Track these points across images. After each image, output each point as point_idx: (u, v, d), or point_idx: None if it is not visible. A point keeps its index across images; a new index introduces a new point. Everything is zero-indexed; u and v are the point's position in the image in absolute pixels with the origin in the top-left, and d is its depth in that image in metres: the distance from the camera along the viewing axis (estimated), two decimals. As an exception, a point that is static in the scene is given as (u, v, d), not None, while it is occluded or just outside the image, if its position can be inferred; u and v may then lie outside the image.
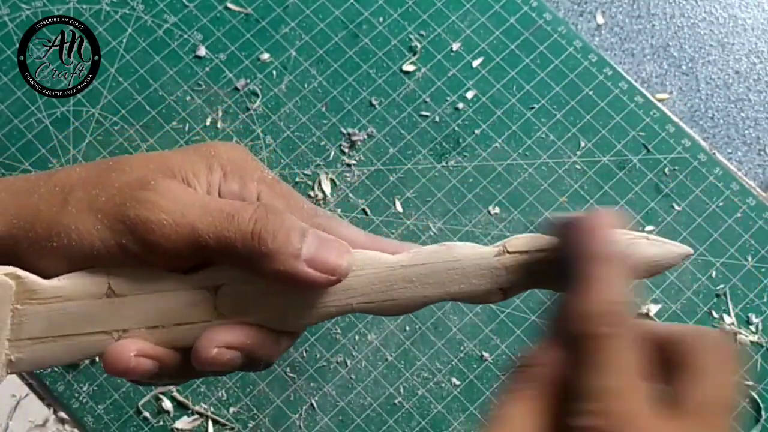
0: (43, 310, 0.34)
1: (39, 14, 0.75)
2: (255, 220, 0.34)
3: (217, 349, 0.35)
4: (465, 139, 0.74)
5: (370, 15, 0.76)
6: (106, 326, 0.35)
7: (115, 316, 0.35)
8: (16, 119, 0.73)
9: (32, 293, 0.34)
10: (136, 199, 0.34)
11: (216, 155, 0.38)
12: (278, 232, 0.34)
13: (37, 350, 0.35)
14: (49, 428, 0.68)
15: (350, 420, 0.67)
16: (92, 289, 0.35)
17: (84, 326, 0.35)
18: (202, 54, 0.75)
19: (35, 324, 0.34)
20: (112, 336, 0.35)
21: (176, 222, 0.34)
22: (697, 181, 0.73)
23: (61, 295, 0.35)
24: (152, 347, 0.35)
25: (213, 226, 0.34)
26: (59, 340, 0.35)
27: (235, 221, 0.34)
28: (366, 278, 0.37)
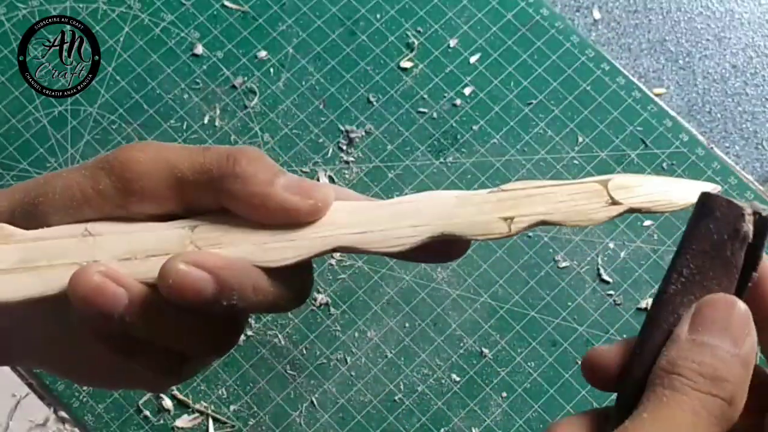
0: (19, 247, 0.35)
1: (36, 13, 0.75)
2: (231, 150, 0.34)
3: (183, 264, 0.32)
4: (463, 136, 0.74)
5: (367, 12, 0.76)
6: (77, 258, 0.34)
7: (88, 250, 0.35)
8: (13, 119, 0.72)
9: (11, 237, 0.35)
10: (116, 149, 0.35)
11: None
12: (256, 160, 0.34)
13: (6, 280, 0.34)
14: (49, 427, 0.68)
15: (351, 417, 0.67)
16: (69, 232, 0.35)
17: (56, 259, 0.35)
18: (200, 52, 0.75)
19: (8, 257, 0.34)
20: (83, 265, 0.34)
21: (152, 158, 0.34)
22: (695, 175, 0.73)
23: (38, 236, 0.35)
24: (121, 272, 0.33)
25: (188, 157, 0.34)
26: (30, 271, 0.34)
27: (210, 150, 0.34)
28: (352, 214, 0.36)
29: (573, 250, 0.71)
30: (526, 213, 0.35)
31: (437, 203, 0.36)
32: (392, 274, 0.70)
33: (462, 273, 0.70)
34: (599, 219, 0.35)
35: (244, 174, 0.33)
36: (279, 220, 0.34)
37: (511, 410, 0.67)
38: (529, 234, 0.71)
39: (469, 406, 0.68)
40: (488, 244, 0.71)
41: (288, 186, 0.34)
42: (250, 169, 0.33)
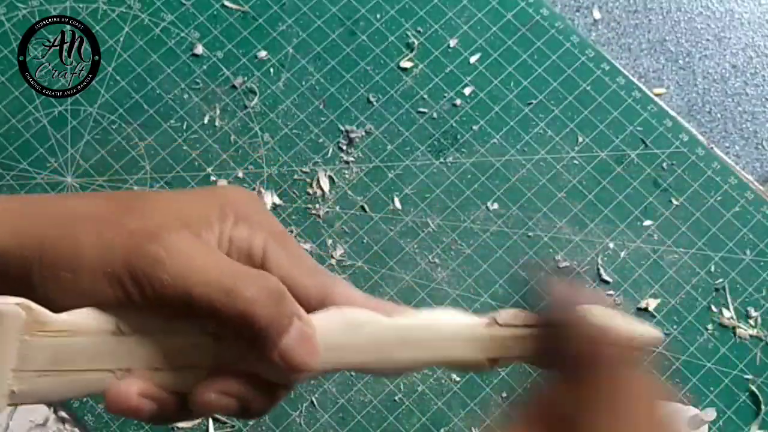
0: (50, 342, 0.35)
1: (36, 13, 0.75)
2: (251, 302, 0.35)
3: (214, 394, 0.36)
4: (463, 135, 0.74)
5: (367, 12, 0.76)
6: (110, 364, 0.35)
7: (120, 355, 0.36)
8: (13, 119, 0.72)
9: (41, 325, 0.34)
10: (143, 252, 0.34)
11: (229, 201, 0.38)
12: (270, 320, 0.35)
13: (39, 383, 0.35)
14: (49, 427, 0.68)
15: (351, 417, 0.67)
16: (100, 326, 0.35)
17: (88, 362, 0.35)
18: (200, 52, 0.75)
19: (41, 356, 0.34)
20: (115, 374, 0.36)
21: (176, 285, 0.34)
22: (695, 175, 0.73)
23: (69, 329, 0.35)
24: (154, 389, 0.36)
25: (210, 296, 0.34)
26: (63, 374, 0.35)
27: (232, 297, 0.35)
28: (362, 337, 0.38)
29: (573, 250, 0.71)
30: (509, 356, 0.39)
31: (435, 335, 0.39)
32: (392, 275, 0.70)
33: (462, 273, 0.70)
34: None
35: (252, 336, 0.36)
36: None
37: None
38: (529, 234, 0.71)
39: (469, 406, 0.68)
40: (487, 244, 0.71)
41: (284, 354, 0.36)
42: (259, 332, 0.35)
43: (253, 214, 0.39)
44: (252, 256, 0.38)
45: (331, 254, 0.70)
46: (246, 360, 0.37)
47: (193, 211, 0.37)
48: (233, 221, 0.38)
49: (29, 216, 0.36)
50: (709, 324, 0.70)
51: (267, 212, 0.40)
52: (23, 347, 0.34)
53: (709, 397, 0.68)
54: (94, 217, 0.36)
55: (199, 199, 0.38)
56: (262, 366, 0.37)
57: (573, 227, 0.72)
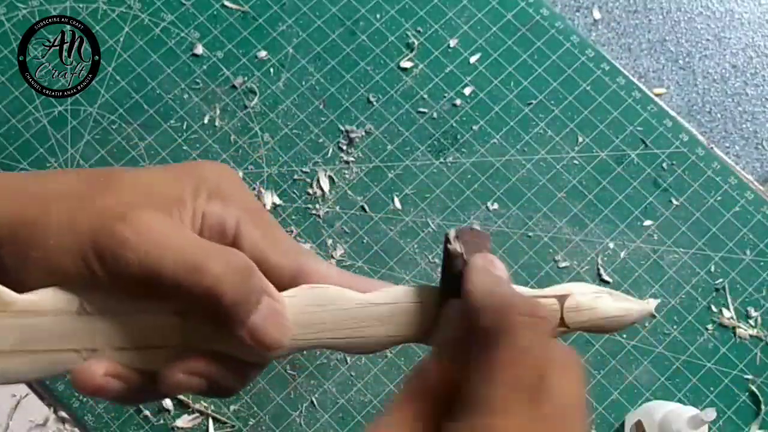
0: (15, 323, 0.34)
1: (36, 13, 0.75)
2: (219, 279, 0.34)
3: (182, 374, 0.36)
4: (463, 135, 0.74)
5: (367, 12, 0.76)
6: (75, 344, 0.35)
7: (85, 334, 0.35)
8: (13, 119, 0.72)
9: (6, 305, 0.34)
10: (110, 230, 0.34)
11: (204, 178, 0.38)
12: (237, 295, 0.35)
13: (6, 362, 0.35)
14: (49, 427, 0.68)
15: (350, 417, 0.67)
16: (64, 306, 0.35)
17: (53, 342, 0.35)
18: (200, 52, 0.75)
19: (6, 336, 0.34)
20: (81, 354, 0.35)
21: (141, 263, 0.34)
22: (695, 175, 0.73)
23: (33, 309, 0.35)
24: (121, 368, 0.36)
25: (177, 274, 0.34)
26: (30, 354, 0.35)
27: (199, 275, 0.34)
28: (336, 314, 0.37)
29: (573, 250, 0.71)
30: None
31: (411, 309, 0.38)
32: (392, 275, 0.70)
33: (462, 273, 0.70)
34: None
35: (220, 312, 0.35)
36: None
37: (511, 410, 0.67)
38: (529, 234, 0.71)
39: (469, 406, 0.67)
40: (488, 244, 0.71)
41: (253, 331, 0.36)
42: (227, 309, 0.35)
43: (227, 189, 0.38)
44: (224, 233, 0.38)
45: (331, 254, 0.70)
46: (215, 339, 0.36)
47: (165, 188, 0.37)
48: (206, 197, 0.38)
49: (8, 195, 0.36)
50: (709, 324, 0.70)
51: (243, 187, 0.40)
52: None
53: (709, 397, 0.68)
54: (67, 195, 0.35)
55: (173, 176, 0.38)
56: (232, 345, 0.36)
57: (573, 227, 0.71)
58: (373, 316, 0.38)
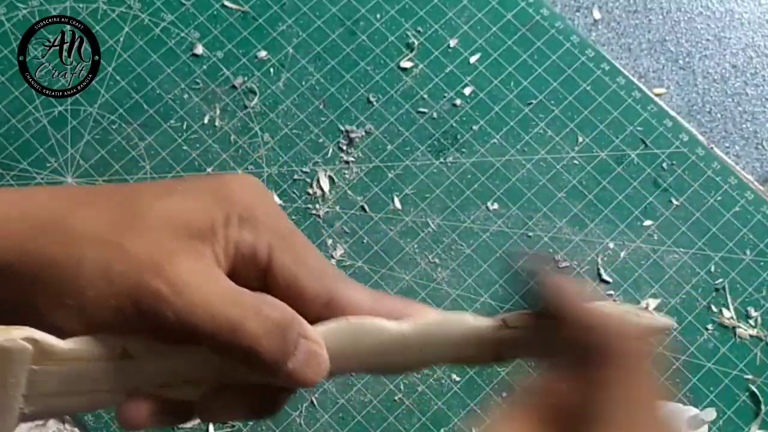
0: (58, 370, 0.35)
1: (36, 13, 0.75)
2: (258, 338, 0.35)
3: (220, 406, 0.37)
4: (463, 136, 0.74)
5: (367, 12, 0.76)
6: (118, 385, 0.36)
7: (127, 376, 0.36)
8: (13, 119, 0.72)
9: (48, 354, 0.34)
10: (147, 287, 0.34)
11: (234, 202, 0.37)
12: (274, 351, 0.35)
13: (49, 403, 0.35)
14: (49, 427, 0.68)
15: (350, 417, 0.67)
16: (107, 351, 0.35)
17: (97, 384, 0.35)
18: (200, 52, 0.75)
19: (50, 382, 0.35)
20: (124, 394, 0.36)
21: (180, 321, 0.34)
22: (695, 175, 0.73)
23: (76, 357, 0.35)
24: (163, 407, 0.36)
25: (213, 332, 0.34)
26: (71, 396, 0.35)
27: (237, 335, 0.35)
28: (368, 345, 0.38)
29: (573, 250, 0.71)
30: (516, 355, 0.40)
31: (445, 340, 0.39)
32: (392, 274, 0.70)
33: (462, 273, 0.70)
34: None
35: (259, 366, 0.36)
36: None
37: (511, 410, 0.67)
38: (529, 234, 0.71)
39: (469, 407, 0.67)
40: (487, 244, 0.71)
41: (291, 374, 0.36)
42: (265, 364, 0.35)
43: (258, 211, 0.38)
44: (257, 261, 0.38)
45: (331, 254, 0.70)
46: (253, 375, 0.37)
47: (196, 222, 0.36)
48: (238, 224, 0.37)
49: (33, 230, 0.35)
50: (709, 324, 0.70)
51: (273, 206, 0.39)
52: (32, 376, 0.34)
53: (709, 397, 0.68)
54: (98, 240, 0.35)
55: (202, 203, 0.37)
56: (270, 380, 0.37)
57: (573, 227, 0.71)
58: (409, 345, 0.38)
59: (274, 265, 0.38)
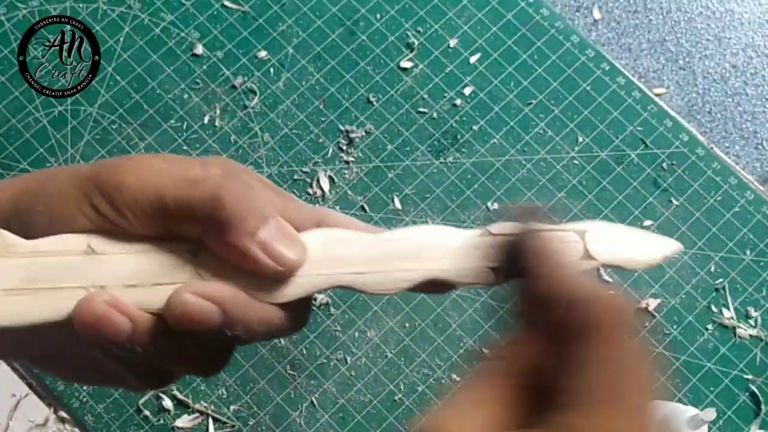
0: (21, 263, 0.34)
1: (36, 13, 0.75)
2: (220, 186, 0.33)
3: (191, 295, 0.33)
4: (463, 135, 0.74)
5: (367, 12, 0.76)
6: (82, 281, 0.35)
7: (93, 272, 0.35)
8: (13, 119, 0.72)
9: (11, 247, 0.34)
10: (110, 164, 0.35)
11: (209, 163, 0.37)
12: (241, 204, 0.34)
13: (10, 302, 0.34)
14: (49, 428, 0.68)
15: (351, 417, 0.67)
16: (71, 246, 0.35)
17: (60, 280, 0.34)
18: (200, 52, 0.75)
19: (13, 275, 0.34)
20: (88, 291, 0.34)
21: (139, 181, 0.34)
22: (695, 175, 0.73)
23: (40, 250, 0.34)
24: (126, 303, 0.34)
25: (175, 188, 0.33)
26: (34, 293, 0.34)
27: (198, 185, 0.34)
28: (351, 249, 0.37)
29: (573, 250, 0.71)
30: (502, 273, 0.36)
31: (429, 244, 0.37)
32: (392, 274, 0.70)
33: (462, 273, 0.70)
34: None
35: (225, 221, 0.33)
36: (251, 271, 0.35)
37: (511, 410, 0.67)
38: (529, 234, 0.71)
39: (469, 406, 0.67)
40: (488, 244, 0.71)
41: (264, 244, 0.34)
42: (232, 217, 0.33)
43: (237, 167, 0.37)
44: None
45: (331, 254, 0.70)
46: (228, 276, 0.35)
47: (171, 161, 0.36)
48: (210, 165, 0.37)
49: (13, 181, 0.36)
50: (709, 324, 0.70)
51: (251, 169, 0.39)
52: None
53: (709, 397, 0.68)
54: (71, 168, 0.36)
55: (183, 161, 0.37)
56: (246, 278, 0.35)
57: (573, 227, 0.71)
58: (391, 253, 0.36)
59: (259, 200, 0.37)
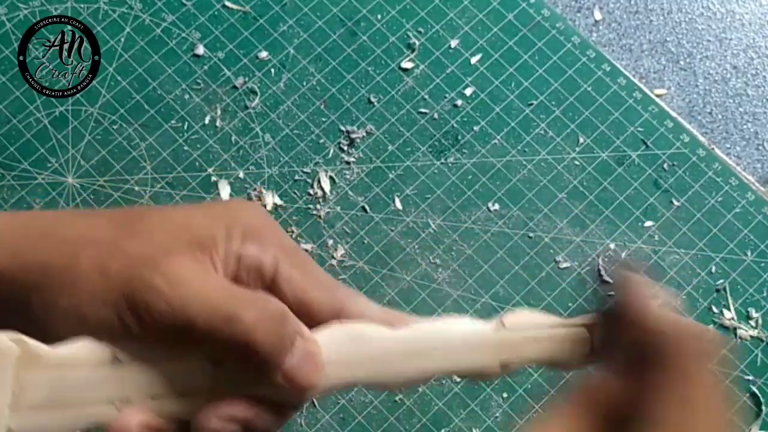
0: (47, 377, 0.34)
1: (37, 14, 0.75)
2: (253, 328, 0.34)
3: (217, 419, 0.35)
4: (464, 136, 0.74)
5: (368, 12, 0.76)
6: (108, 395, 0.35)
7: (118, 384, 0.35)
8: (14, 119, 0.73)
9: (36, 359, 0.34)
10: (142, 279, 0.34)
11: (237, 218, 0.37)
12: (272, 344, 0.35)
13: (37, 418, 0.34)
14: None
15: (351, 417, 0.67)
16: (97, 357, 0.34)
17: (86, 395, 0.34)
18: (201, 52, 0.75)
19: (37, 391, 0.34)
20: (115, 405, 0.35)
21: (174, 314, 0.33)
22: (696, 176, 0.73)
23: (65, 362, 0.34)
24: (154, 419, 0.35)
25: (210, 323, 0.34)
26: (61, 409, 0.34)
27: (232, 324, 0.34)
28: (366, 351, 0.37)
29: (574, 250, 0.71)
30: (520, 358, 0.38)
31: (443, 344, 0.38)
32: (393, 275, 0.70)
33: (463, 274, 0.70)
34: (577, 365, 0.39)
35: (255, 362, 0.35)
36: None
37: (511, 410, 0.67)
38: (530, 234, 0.71)
39: (470, 407, 0.67)
40: (488, 245, 0.71)
41: (288, 373, 0.35)
42: (262, 359, 0.35)
43: (262, 230, 0.38)
44: (262, 275, 0.37)
45: (331, 255, 0.70)
46: (249, 384, 0.36)
47: (195, 230, 0.36)
48: (241, 239, 0.37)
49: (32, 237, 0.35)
50: (710, 325, 0.70)
51: (277, 227, 0.39)
52: (19, 383, 0.33)
53: (710, 398, 0.68)
54: (96, 241, 0.35)
55: (204, 218, 0.37)
56: (266, 388, 0.36)
57: (574, 228, 0.71)
58: (408, 351, 0.37)
59: (281, 278, 0.37)
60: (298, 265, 0.38)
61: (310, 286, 0.37)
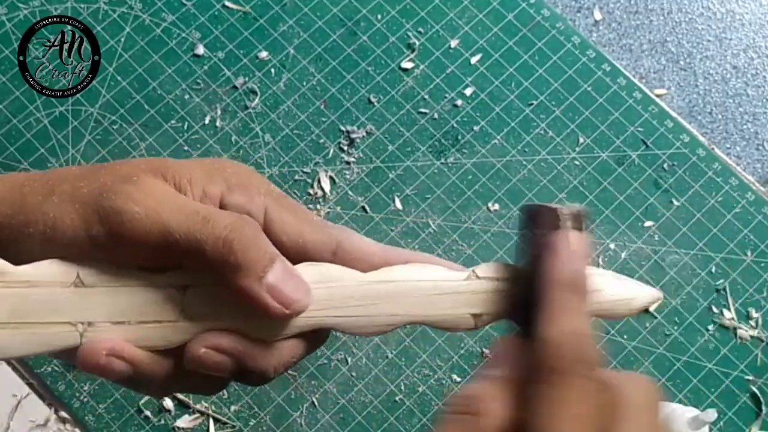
0: (9, 293, 0.34)
1: (37, 14, 0.75)
2: (230, 229, 0.33)
3: (204, 349, 0.34)
4: (464, 136, 0.74)
5: (368, 12, 0.76)
6: (70, 316, 0.34)
7: (81, 307, 0.34)
8: (14, 119, 0.73)
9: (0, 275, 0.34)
10: (113, 190, 0.33)
11: (220, 168, 0.37)
12: (250, 248, 0.34)
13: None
14: (50, 428, 0.68)
15: (351, 418, 0.67)
16: (60, 277, 0.34)
17: (47, 314, 0.34)
18: (201, 52, 0.75)
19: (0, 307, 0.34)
20: (77, 328, 0.34)
21: (148, 216, 0.33)
22: (696, 176, 0.73)
23: (27, 280, 0.34)
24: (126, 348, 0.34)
25: (186, 225, 0.33)
26: (21, 327, 0.34)
27: (209, 225, 0.33)
28: (340, 290, 0.37)
29: (574, 250, 0.71)
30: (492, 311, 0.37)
31: (414, 288, 0.37)
32: (393, 275, 0.70)
33: (463, 273, 0.70)
34: None
35: (236, 266, 0.33)
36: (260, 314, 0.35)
37: (511, 411, 0.67)
38: (529, 235, 0.71)
39: (470, 407, 0.67)
40: (488, 245, 0.71)
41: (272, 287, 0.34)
42: (243, 261, 0.33)
43: (248, 179, 0.37)
44: None
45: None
46: (217, 316, 0.35)
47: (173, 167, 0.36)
48: (226, 188, 0.36)
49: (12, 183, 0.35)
50: (710, 325, 0.70)
51: (263, 178, 0.38)
52: None
53: (710, 398, 0.68)
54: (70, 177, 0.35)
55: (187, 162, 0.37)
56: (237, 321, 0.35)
57: (574, 228, 0.71)
58: (380, 295, 0.37)
59: (273, 224, 0.37)
60: (288, 209, 0.37)
61: (305, 226, 0.37)
